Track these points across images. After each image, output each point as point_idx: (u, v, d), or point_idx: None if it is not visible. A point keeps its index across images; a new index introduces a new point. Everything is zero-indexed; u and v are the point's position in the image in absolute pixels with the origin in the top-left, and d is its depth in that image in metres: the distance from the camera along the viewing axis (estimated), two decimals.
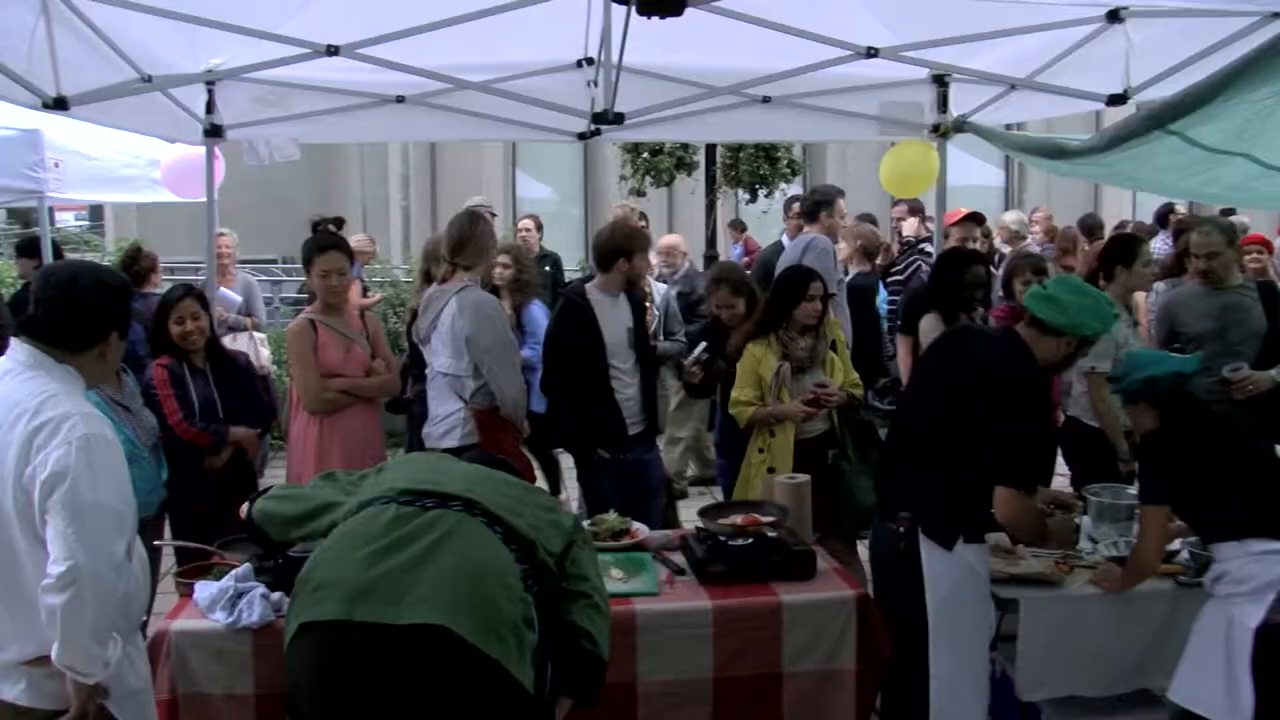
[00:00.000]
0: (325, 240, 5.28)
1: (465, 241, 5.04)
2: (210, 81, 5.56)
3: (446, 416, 5.05)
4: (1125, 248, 5.66)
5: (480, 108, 5.80)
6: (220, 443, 4.93)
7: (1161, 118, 3.58)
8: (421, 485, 3.01)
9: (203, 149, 5.98)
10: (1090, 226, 11.38)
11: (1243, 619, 3.40)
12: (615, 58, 4.40)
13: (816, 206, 7.17)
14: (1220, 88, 3.29)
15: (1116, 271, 5.53)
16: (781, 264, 7.10)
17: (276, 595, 3.54)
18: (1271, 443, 5.78)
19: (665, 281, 7.70)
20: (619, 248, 5.33)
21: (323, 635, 2.72)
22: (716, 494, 7.27)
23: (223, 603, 3.53)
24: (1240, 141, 3.85)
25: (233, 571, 3.66)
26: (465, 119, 5.92)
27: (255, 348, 7.44)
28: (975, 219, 7.74)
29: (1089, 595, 3.91)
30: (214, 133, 5.78)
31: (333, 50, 4.87)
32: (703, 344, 5.49)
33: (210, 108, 5.71)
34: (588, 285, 5.42)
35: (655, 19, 3.59)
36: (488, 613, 2.71)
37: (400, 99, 5.77)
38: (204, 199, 6.13)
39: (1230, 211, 11.51)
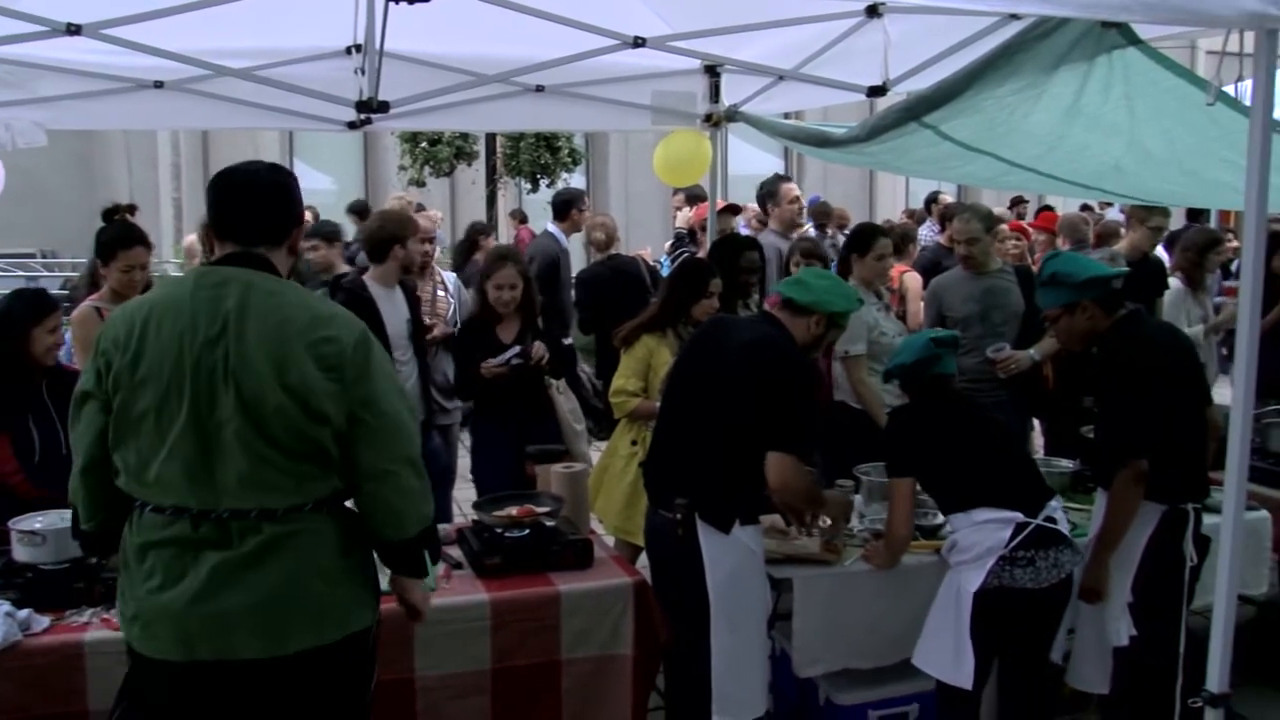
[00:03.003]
0: (130, 233, 5.00)
1: None
2: None
3: None
4: (860, 239, 5.85)
5: (247, 95, 5.53)
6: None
7: (915, 110, 3.73)
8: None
9: None
10: (818, 213, 11.81)
11: (965, 585, 3.68)
12: (378, 44, 4.29)
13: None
14: (967, 83, 3.45)
15: (853, 261, 5.75)
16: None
17: (24, 613, 3.32)
18: (1027, 416, 6.19)
19: None
20: (394, 235, 5.24)
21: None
22: None
23: None
24: (989, 140, 4.04)
25: None
26: (231, 106, 5.62)
27: None
28: (732, 209, 7.85)
29: (859, 572, 4.07)
30: None
31: (74, 29, 4.49)
32: (516, 348, 5.21)
33: None
34: (364, 278, 5.31)
35: (418, 5, 3.52)
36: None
37: (159, 84, 5.44)
38: None
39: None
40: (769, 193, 7.39)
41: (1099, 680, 4.04)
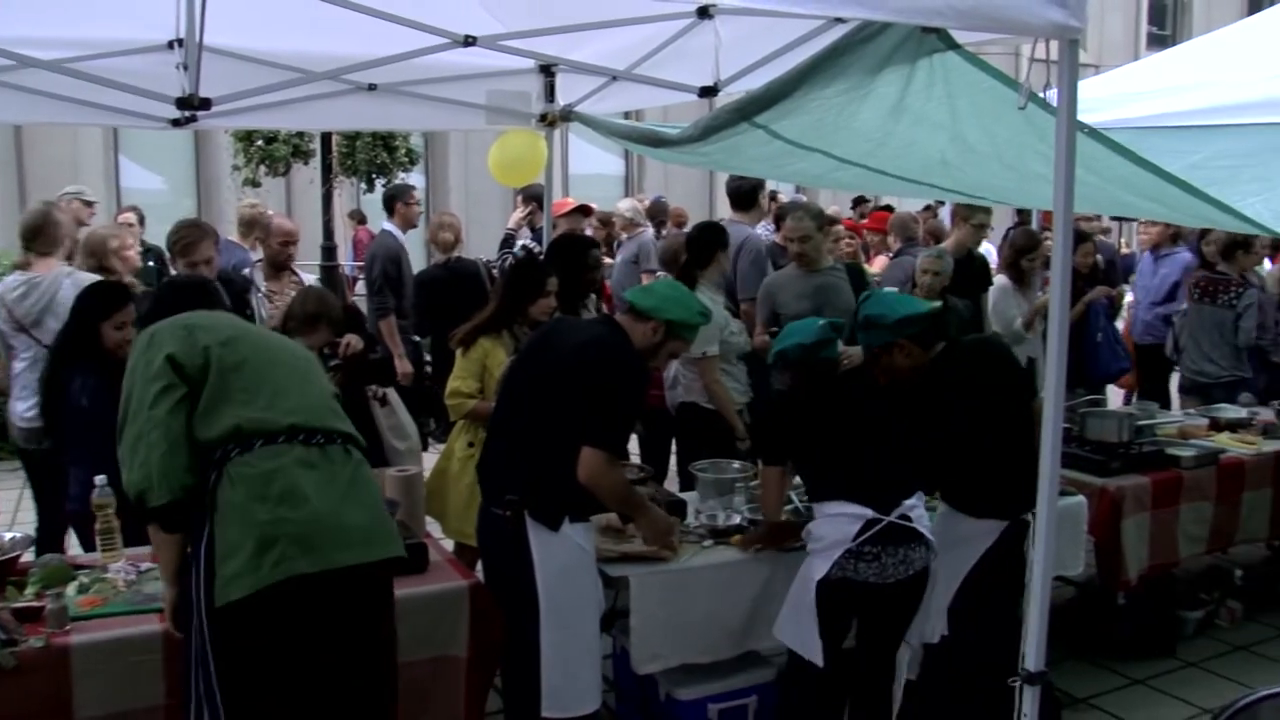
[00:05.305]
0: None
1: (40, 229, 5.30)
2: None
3: None
4: (721, 235, 5.94)
5: (61, 89, 5.21)
6: None
7: (746, 110, 3.77)
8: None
9: None
10: (655, 212, 11.89)
11: (812, 572, 3.82)
12: (198, 37, 4.14)
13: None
14: (796, 84, 3.50)
15: (719, 256, 5.80)
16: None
17: None
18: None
19: None
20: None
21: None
22: None
23: None
24: (817, 138, 4.12)
25: None
26: (43, 100, 5.29)
27: None
28: (583, 210, 7.81)
29: (695, 568, 4.11)
30: None
31: None
32: (345, 338, 4.98)
33: None
34: None
35: None
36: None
37: None
38: None
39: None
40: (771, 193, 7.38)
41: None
